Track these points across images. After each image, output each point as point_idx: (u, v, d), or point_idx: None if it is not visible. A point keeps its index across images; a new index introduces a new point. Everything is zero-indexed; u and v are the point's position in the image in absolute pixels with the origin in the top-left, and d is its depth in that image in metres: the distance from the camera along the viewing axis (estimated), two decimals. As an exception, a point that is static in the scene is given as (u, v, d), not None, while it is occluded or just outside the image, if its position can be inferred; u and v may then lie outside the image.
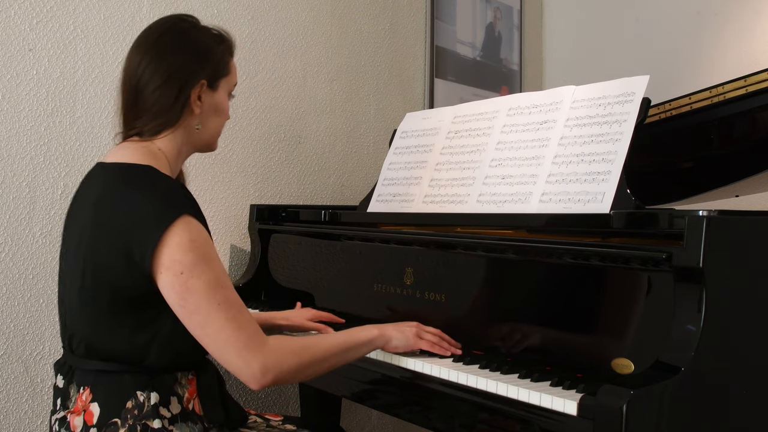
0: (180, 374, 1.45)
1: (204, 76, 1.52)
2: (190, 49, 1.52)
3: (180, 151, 1.54)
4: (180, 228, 1.35)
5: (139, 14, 2.22)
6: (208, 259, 1.37)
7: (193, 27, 1.56)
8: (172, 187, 1.44)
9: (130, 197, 1.40)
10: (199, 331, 1.36)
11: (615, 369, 1.37)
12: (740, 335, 1.34)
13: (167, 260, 1.34)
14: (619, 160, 1.61)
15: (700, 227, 1.27)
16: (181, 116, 1.50)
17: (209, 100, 1.54)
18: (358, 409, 2.76)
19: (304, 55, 2.65)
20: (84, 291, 1.41)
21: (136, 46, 1.53)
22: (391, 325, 1.62)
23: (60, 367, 1.50)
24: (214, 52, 1.55)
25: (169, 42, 1.51)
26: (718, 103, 1.86)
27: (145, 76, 1.47)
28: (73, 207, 1.53)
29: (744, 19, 2.92)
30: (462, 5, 3.20)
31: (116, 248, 1.37)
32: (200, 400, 1.47)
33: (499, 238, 1.68)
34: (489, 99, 2.04)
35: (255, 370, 1.36)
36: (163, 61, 1.48)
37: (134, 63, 1.50)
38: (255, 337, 1.38)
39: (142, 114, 1.49)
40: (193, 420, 1.44)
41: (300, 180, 2.66)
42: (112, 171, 1.46)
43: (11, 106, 1.99)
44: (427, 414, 1.59)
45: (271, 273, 2.26)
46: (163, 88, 1.47)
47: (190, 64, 1.50)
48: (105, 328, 1.41)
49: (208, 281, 1.35)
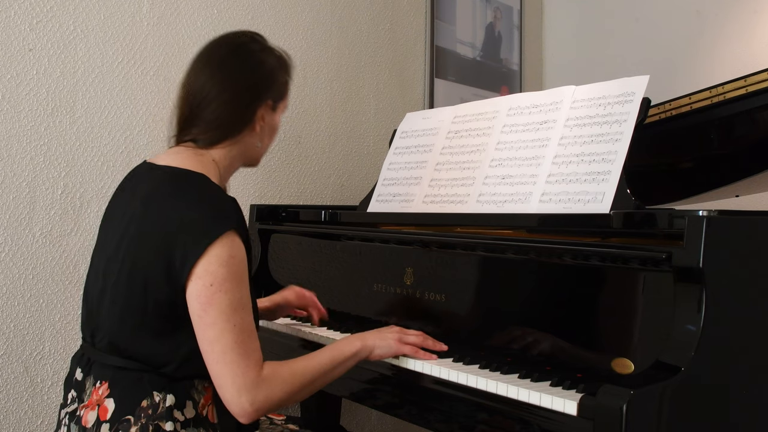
0: (197, 381, 1.46)
1: (269, 98, 1.57)
2: (260, 72, 1.57)
3: (232, 164, 1.58)
4: (224, 242, 1.37)
5: (139, 14, 2.22)
6: (239, 278, 1.39)
7: (262, 49, 1.60)
8: (225, 199, 1.46)
9: (180, 203, 1.42)
10: (207, 346, 1.37)
11: (615, 369, 1.37)
12: (740, 335, 1.34)
13: (202, 270, 1.36)
14: (619, 160, 1.61)
15: (700, 227, 1.27)
16: (241, 132, 1.55)
17: (270, 120, 1.60)
18: (358, 409, 2.76)
19: (304, 55, 2.65)
20: (117, 287, 1.42)
21: (204, 62, 1.56)
22: (373, 332, 1.61)
23: (78, 359, 1.51)
24: (279, 75, 1.60)
25: (240, 61, 1.56)
26: (718, 103, 1.86)
27: (212, 93, 1.51)
28: (116, 200, 1.54)
29: (744, 19, 2.92)
30: (462, 5, 3.20)
31: (158, 250, 1.38)
32: (216, 408, 1.47)
33: (499, 238, 1.68)
34: (489, 99, 2.04)
35: (244, 403, 1.36)
36: (233, 80, 1.53)
37: (201, 78, 1.53)
38: (254, 368, 1.38)
39: (200, 123, 1.52)
40: (206, 427, 1.44)
41: (300, 180, 2.66)
42: (165, 173, 1.47)
43: (11, 106, 1.99)
44: (426, 414, 1.59)
45: (271, 273, 2.26)
46: (231, 104, 1.52)
47: (258, 84, 1.55)
48: (131, 328, 1.42)
49: (232, 300, 1.37)
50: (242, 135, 1.55)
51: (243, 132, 1.55)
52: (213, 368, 1.38)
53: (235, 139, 1.54)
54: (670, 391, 1.21)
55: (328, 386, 1.87)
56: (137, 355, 1.42)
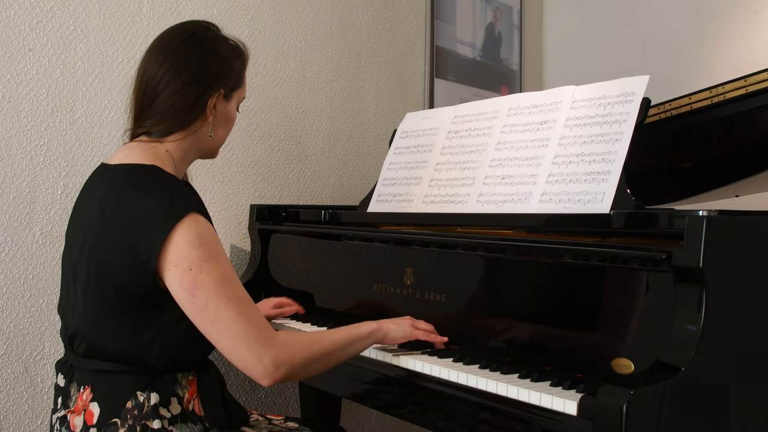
0: (180, 375, 1.45)
1: (222, 86, 1.55)
2: (211, 59, 1.54)
3: (186, 154, 1.56)
4: (187, 225, 1.36)
5: (139, 14, 2.22)
6: (216, 255, 1.38)
7: (215, 37, 1.58)
8: (177, 186, 1.45)
9: (136, 196, 1.41)
10: (209, 327, 1.36)
11: (615, 369, 1.37)
12: (740, 335, 1.34)
13: (175, 257, 1.35)
14: (619, 160, 1.61)
15: (700, 227, 1.27)
16: (193, 121, 1.53)
17: (222, 109, 1.58)
18: (358, 409, 2.76)
19: (304, 55, 2.65)
20: (88, 290, 1.42)
21: (156, 50, 1.54)
22: (388, 320, 1.65)
23: (61, 366, 1.51)
24: (233, 64, 1.58)
25: (191, 50, 1.53)
26: (718, 103, 1.86)
27: (163, 81, 1.49)
28: (77, 207, 1.54)
29: (744, 19, 2.92)
30: (462, 5, 3.20)
31: (122, 246, 1.37)
32: (201, 400, 1.47)
33: (499, 238, 1.68)
34: (489, 99, 2.04)
35: (267, 364, 1.36)
36: (184, 68, 1.50)
37: (153, 66, 1.51)
38: (266, 331, 1.38)
39: (154, 115, 1.51)
40: (193, 420, 1.44)
41: (300, 180, 2.66)
42: (117, 171, 1.47)
43: (11, 106, 1.99)
44: (427, 414, 1.59)
45: (271, 273, 2.26)
46: (180, 94, 1.49)
47: (210, 74, 1.53)
48: (107, 328, 1.41)
49: (216, 277, 1.36)
50: (194, 125, 1.53)
51: (195, 122, 1.53)
52: (224, 345, 1.36)
53: (187, 130, 1.53)
54: (670, 391, 1.21)
55: (328, 386, 1.88)
56: (117, 354, 1.41)
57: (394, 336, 1.61)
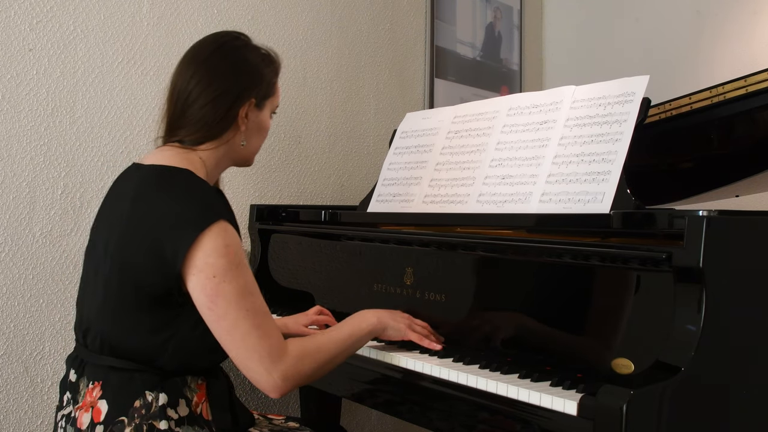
0: (190, 378, 1.46)
1: (253, 95, 1.56)
2: (242, 69, 1.56)
3: (219, 162, 1.58)
4: (216, 232, 1.37)
5: (139, 14, 2.22)
6: (240, 265, 1.39)
7: (245, 46, 1.60)
8: (209, 191, 1.47)
9: (167, 197, 1.42)
10: (225, 336, 1.38)
11: (615, 369, 1.37)
12: (740, 335, 1.34)
13: (201, 263, 1.36)
14: (619, 160, 1.61)
15: (700, 227, 1.27)
16: (226, 131, 1.55)
17: (255, 118, 1.59)
18: (358, 409, 2.76)
19: (304, 55, 2.65)
20: (109, 285, 1.43)
21: (188, 61, 1.56)
22: (386, 312, 1.65)
23: (72, 361, 1.51)
24: (264, 73, 1.59)
25: (221, 59, 1.55)
26: (718, 103, 1.86)
27: (195, 92, 1.51)
28: (105, 204, 1.55)
29: (743, 19, 2.92)
30: (462, 5, 3.20)
31: (148, 245, 1.38)
32: (210, 405, 1.48)
33: (499, 238, 1.68)
34: (489, 99, 2.04)
35: (276, 378, 1.39)
36: (215, 79, 1.52)
37: (185, 77, 1.53)
38: (278, 345, 1.40)
39: (186, 124, 1.53)
40: (200, 424, 1.44)
41: (300, 180, 2.66)
42: (150, 171, 1.48)
43: (11, 106, 1.99)
44: (427, 414, 1.59)
45: (271, 273, 2.26)
46: (212, 105, 1.51)
47: (241, 83, 1.54)
48: (124, 325, 1.42)
49: (238, 287, 1.37)
50: (227, 135, 1.55)
51: (227, 132, 1.54)
52: (237, 355, 1.39)
53: (220, 139, 1.54)
54: (670, 391, 1.21)
55: (328, 386, 1.88)
56: (130, 352, 1.42)
57: (390, 334, 1.63)
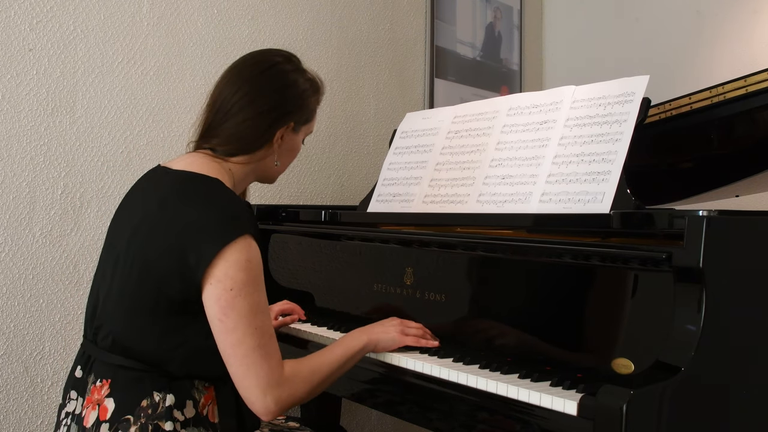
0: (198, 381, 1.46)
1: (293, 120, 1.59)
2: (288, 93, 1.58)
3: (246, 176, 1.60)
4: (241, 246, 1.38)
5: (139, 14, 2.22)
6: (257, 282, 1.41)
7: (295, 70, 1.61)
8: (239, 204, 1.48)
9: (197, 205, 1.43)
10: (229, 350, 1.39)
11: (615, 369, 1.37)
12: (740, 335, 1.34)
13: (221, 273, 1.36)
14: (619, 160, 1.60)
15: (700, 227, 1.27)
16: (259, 148, 1.57)
17: (290, 141, 1.62)
18: (358, 409, 2.76)
19: (304, 55, 2.63)
20: (127, 285, 1.43)
21: (236, 74, 1.57)
22: (376, 326, 1.65)
23: (80, 357, 1.51)
24: (308, 100, 1.62)
25: (271, 80, 1.56)
26: (718, 103, 1.86)
27: (237, 106, 1.53)
28: (127, 202, 1.55)
29: (743, 19, 2.92)
30: (462, 5, 3.20)
31: (172, 249, 1.39)
32: (218, 409, 1.48)
33: (499, 238, 1.68)
34: (489, 99, 2.04)
35: (269, 402, 1.39)
36: (260, 96, 1.54)
37: (230, 89, 1.54)
38: (277, 368, 1.41)
39: (221, 135, 1.54)
40: (206, 426, 1.45)
41: (300, 180, 2.66)
42: (181, 176, 1.49)
43: (11, 106, 1.99)
44: (427, 414, 1.59)
45: (271, 273, 2.26)
46: (251, 121, 1.53)
47: (285, 106, 1.57)
48: (137, 325, 1.42)
49: (252, 304, 1.38)
50: (259, 153, 1.57)
51: (261, 149, 1.57)
52: (236, 370, 1.39)
53: (252, 156, 1.56)
54: (670, 391, 1.21)
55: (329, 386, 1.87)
56: (141, 353, 1.42)
57: (384, 346, 1.63)
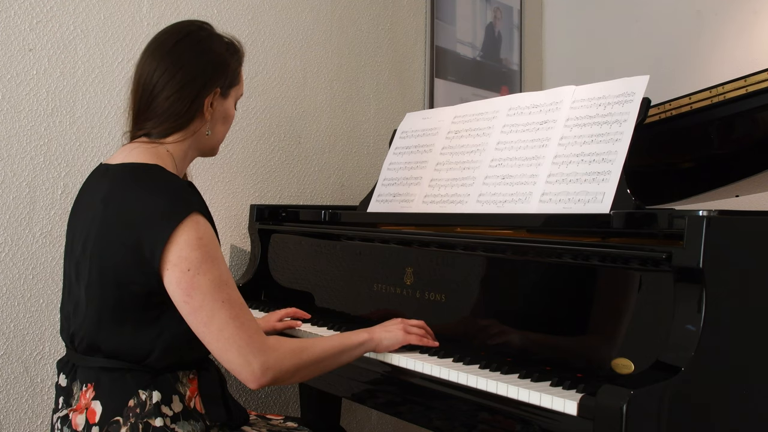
0: (181, 373, 1.46)
1: (218, 85, 1.55)
2: (207, 59, 1.54)
3: (186, 154, 1.57)
4: (189, 226, 1.37)
5: (139, 14, 2.22)
6: (213, 257, 1.39)
7: (209, 36, 1.58)
8: (180, 185, 1.46)
9: (139, 195, 1.42)
10: (202, 328, 1.38)
11: (615, 369, 1.37)
12: (740, 335, 1.34)
13: (174, 257, 1.36)
14: (619, 160, 1.61)
15: (700, 227, 1.27)
16: (192, 121, 1.54)
17: (220, 107, 1.58)
18: (358, 409, 2.76)
19: (304, 55, 2.65)
20: (90, 288, 1.42)
21: (152, 51, 1.54)
22: (379, 326, 1.64)
23: (63, 365, 1.51)
24: (229, 62, 1.58)
25: (186, 50, 1.53)
26: (718, 103, 1.86)
27: (160, 83, 1.50)
28: (77, 206, 1.54)
29: (743, 18, 2.92)
30: (462, 5, 3.20)
31: (126, 245, 1.38)
32: (202, 399, 1.48)
33: (499, 238, 1.68)
34: (489, 99, 2.04)
35: (255, 369, 1.38)
36: (180, 68, 1.51)
37: (149, 68, 1.52)
38: (256, 336, 1.39)
39: (152, 117, 1.52)
40: (195, 418, 1.45)
41: (300, 180, 2.66)
42: (120, 170, 1.47)
43: (11, 106, 1.99)
44: (427, 414, 1.59)
45: (271, 273, 2.26)
46: (178, 95, 1.50)
47: (205, 72, 1.53)
48: (108, 326, 1.42)
49: (213, 279, 1.37)
50: (193, 125, 1.54)
51: (193, 122, 1.54)
52: (216, 347, 1.38)
53: (186, 130, 1.53)
54: (670, 391, 1.21)
55: (328, 386, 1.88)
56: (118, 351, 1.42)
57: (387, 344, 1.62)
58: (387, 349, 1.62)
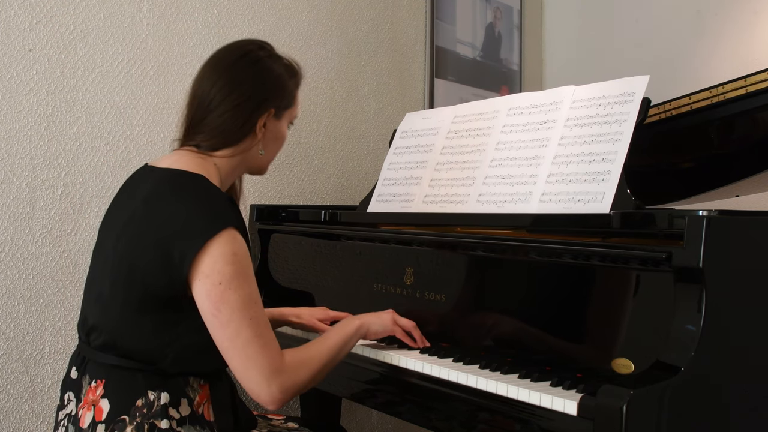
0: (192, 379, 1.46)
1: (273, 106, 1.57)
2: (264, 79, 1.56)
3: (234, 169, 1.58)
4: (225, 239, 1.38)
5: (139, 14, 2.22)
6: (246, 274, 1.40)
7: (269, 56, 1.60)
8: (222, 198, 1.47)
9: (179, 201, 1.43)
10: (226, 344, 1.39)
11: (615, 369, 1.37)
12: (740, 335, 1.34)
13: (208, 269, 1.36)
14: (619, 160, 1.61)
15: (700, 227, 1.27)
16: (243, 140, 1.55)
17: (273, 127, 1.60)
18: (358, 409, 2.76)
19: (303, 55, 2.65)
20: (116, 284, 1.43)
21: (212, 66, 1.56)
22: (369, 314, 1.68)
23: (75, 358, 1.51)
24: (286, 84, 1.60)
25: (244, 68, 1.55)
26: (718, 103, 1.86)
27: (216, 99, 1.52)
28: (115, 203, 1.56)
29: (743, 18, 2.92)
30: (462, 5, 3.20)
31: (157, 247, 1.39)
32: (212, 407, 1.48)
33: (499, 238, 1.68)
34: (489, 99, 2.04)
35: (274, 391, 1.40)
36: (237, 87, 1.52)
37: (207, 83, 1.54)
38: (277, 357, 1.41)
39: (204, 130, 1.53)
40: (201, 424, 1.44)
41: (300, 180, 2.66)
42: (165, 174, 1.49)
43: (11, 106, 1.99)
44: (427, 414, 1.59)
45: (271, 273, 2.26)
46: (231, 113, 1.52)
47: (261, 93, 1.55)
48: (128, 325, 1.42)
49: (243, 296, 1.38)
50: (244, 143, 1.55)
51: (244, 140, 1.55)
52: (237, 363, 1.39)
53: (236, 147, 1.55)
54: (670, 391, 1.21)
55: (328, 386, 1.88)
56: (134, 352, 1.42)
57: (376, 330, 1.65)
58: (375, 335, 1.65)
